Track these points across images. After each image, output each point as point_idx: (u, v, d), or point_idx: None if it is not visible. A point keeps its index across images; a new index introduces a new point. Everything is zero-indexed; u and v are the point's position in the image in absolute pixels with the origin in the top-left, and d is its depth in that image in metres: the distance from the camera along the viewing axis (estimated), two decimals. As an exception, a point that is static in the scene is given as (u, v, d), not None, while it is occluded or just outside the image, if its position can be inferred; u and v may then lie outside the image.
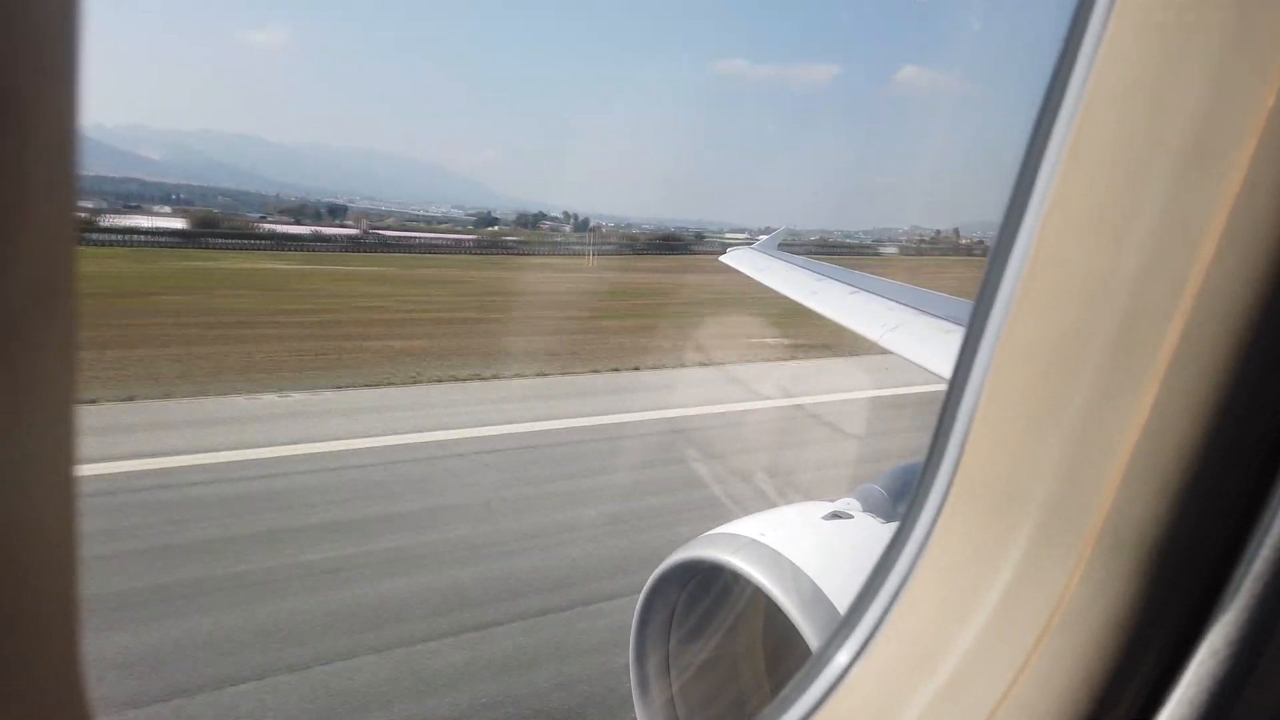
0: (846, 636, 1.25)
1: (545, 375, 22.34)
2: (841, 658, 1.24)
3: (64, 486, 0.61)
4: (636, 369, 23.60)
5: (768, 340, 28.24)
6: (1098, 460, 1.01)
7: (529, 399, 19.45)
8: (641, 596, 3.37)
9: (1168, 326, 0.96)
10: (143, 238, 77.54)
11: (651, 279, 54.74)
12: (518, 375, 21.98)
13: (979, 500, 1.14)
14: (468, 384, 20.72)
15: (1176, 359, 0.96)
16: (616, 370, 23.50)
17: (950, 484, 1.18)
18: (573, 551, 10.80)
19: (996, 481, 1.12)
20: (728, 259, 11.45)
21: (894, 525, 3.27)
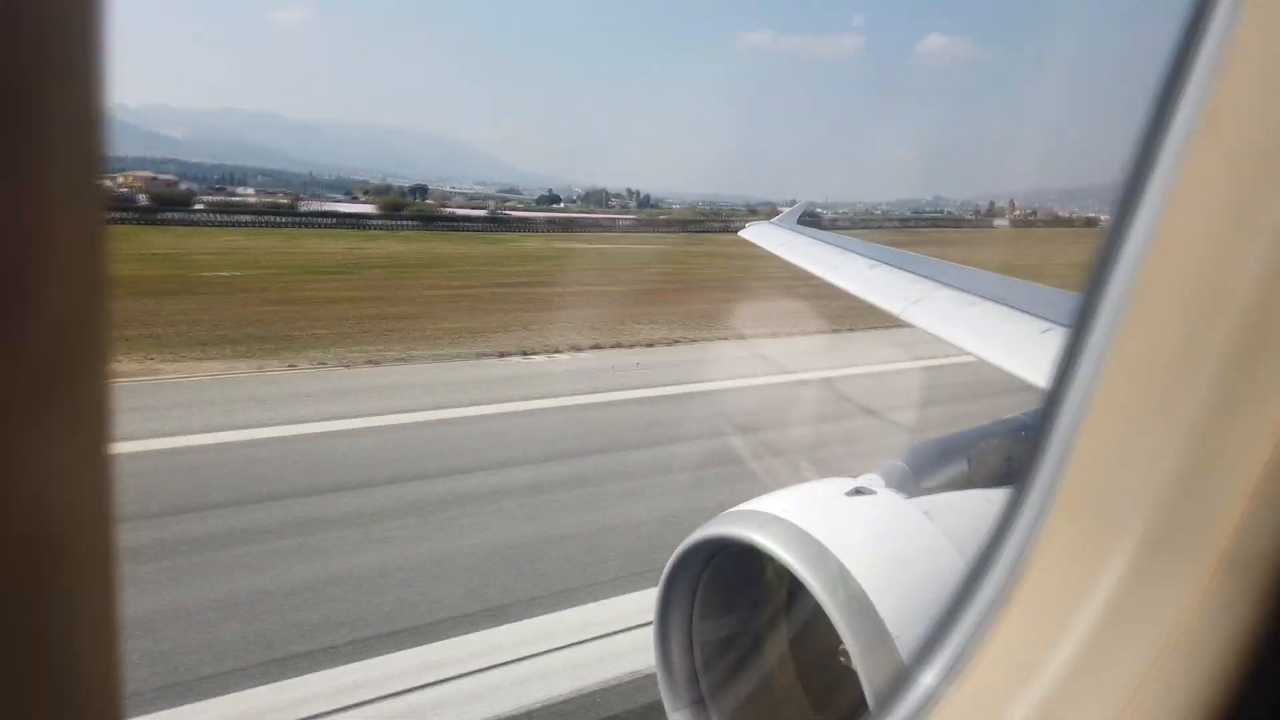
0: (934, 657, 1.18)
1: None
2: (928, 679, 1.17)
3: (100, 489, 0.60)
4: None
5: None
6: (1223, 474, 0.93)
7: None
8: (664, 573, 3.37)
9: None
10: (330, 221, 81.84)
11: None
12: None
13: (1085, 514, 1.07)
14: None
15: None
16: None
17: (1051, 496, 1.10)
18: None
19: (1106, 494, 1.04)
20: (746, 234, 11.37)
21: (917, 501, 3.26)
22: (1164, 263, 1.00)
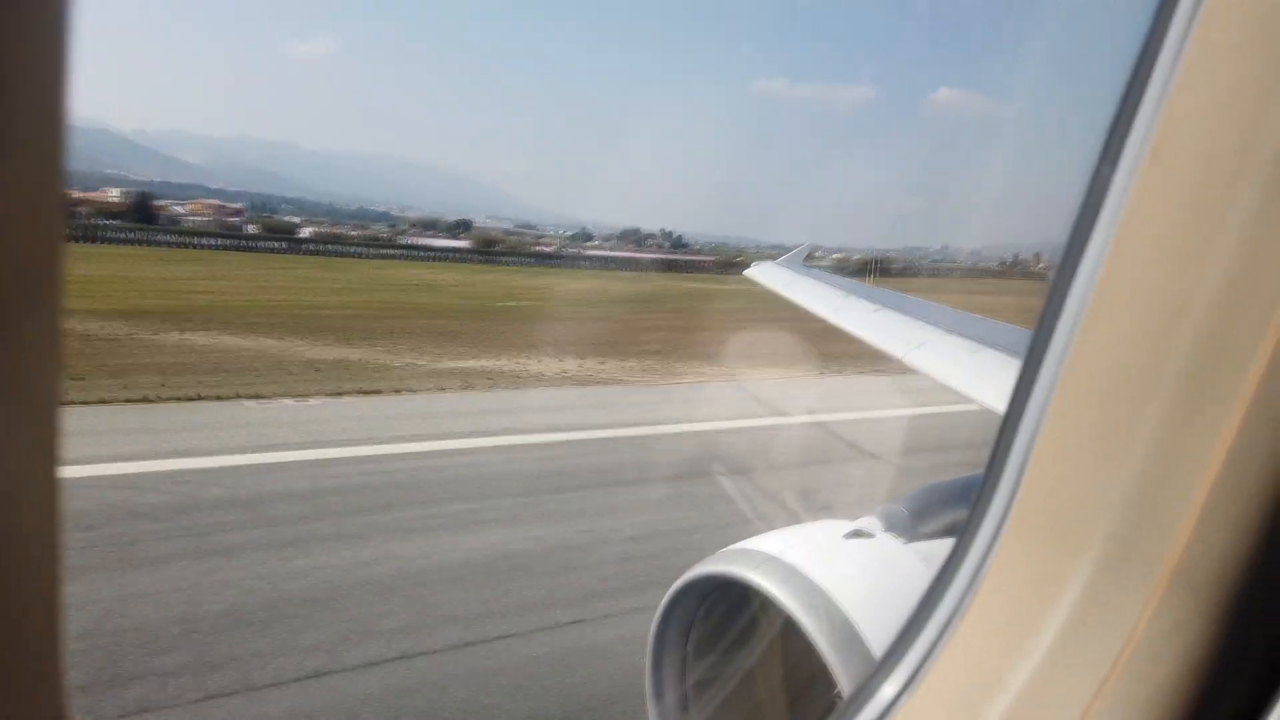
0: (893, 668, 1.19)
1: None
2: (887, 690, 1.18)
3: (48, 487, 0.61)
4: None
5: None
6: (1174, 493, 0.94)
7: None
8: (659, 610, 3.36)
9: (1255, 350, 0.88)
10: (431, 254, 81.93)
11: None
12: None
13: (1039, 531, 1.08)
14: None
15: (1265, 386, 0.88)
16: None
17: (1006, 514, 1.11)
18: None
19: (1059, 512, 1.05)
20: (752, 273, 11.43)
21: (915, 546, 3.25)
22: (1116, 286, 1.02)
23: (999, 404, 4.24)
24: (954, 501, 3.86)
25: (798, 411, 21.48)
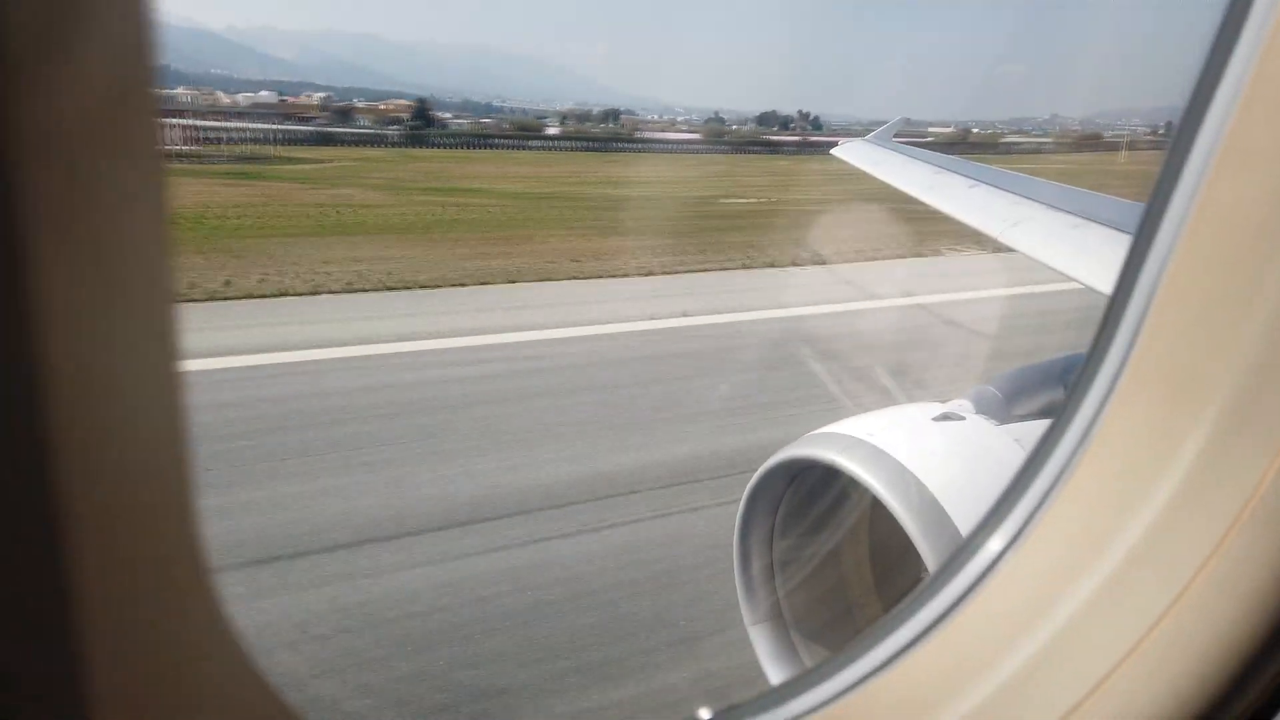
0: (999, 522, 1.18)
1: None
2: (994, 544, 1.17)
3: (167, 381, 0.63)
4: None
5: None
6: None
7: None
8: (745, 494, 3.42)
9: None
10: (669, 147, 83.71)
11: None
12: None
13: (1157, 386, 1.04)
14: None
15: None
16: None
17: (1122, 368, 1.07)
18: None
19: (1179, 366, 1.02)
20: (839, 152, 11.02)
21: (1008, 427, 3.20)
22: (1249, 124, 0.96)
23: (1100, 283, 4.06)
24: (1049, 383, 3.76)
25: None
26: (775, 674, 3.35)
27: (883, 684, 1.10)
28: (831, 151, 11.75)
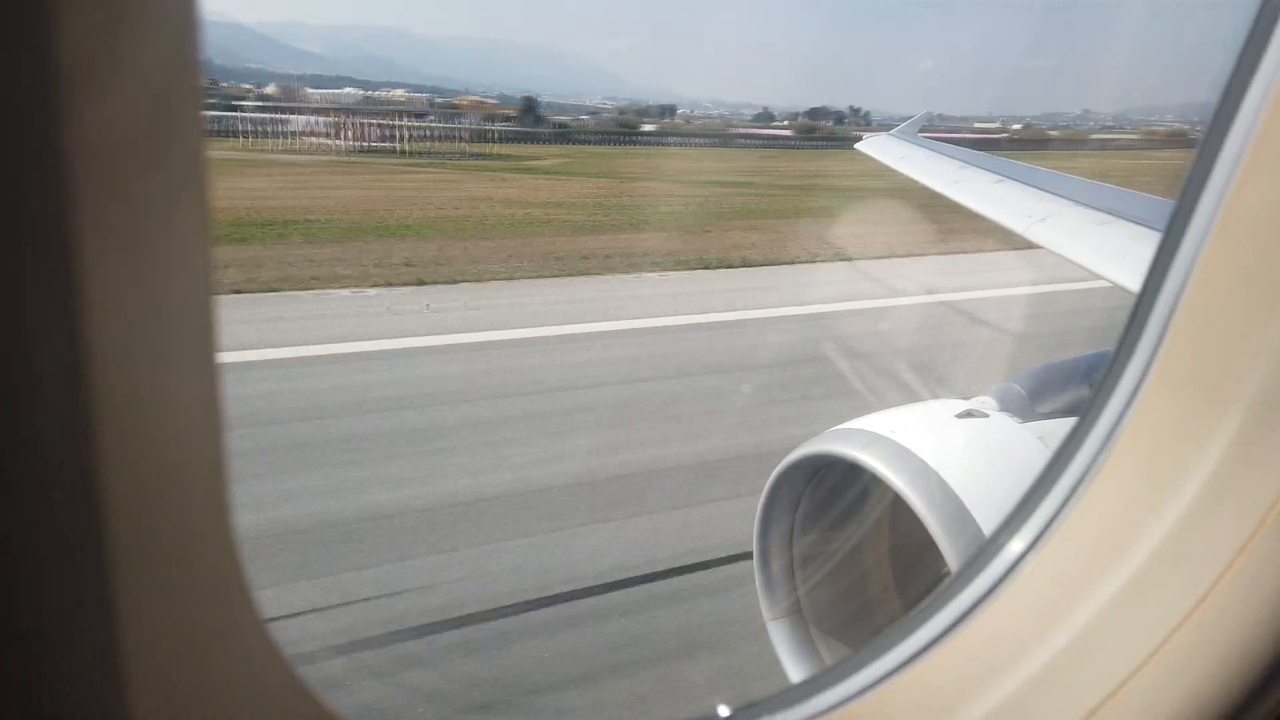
0: (1021, 524, 1.17)
1: None
2: (1015, 545, 1.16)
3: (206, 371, 0.64)
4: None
5: None
6: None
7: None
8: (766, 488, 3.43)
9: None
10: (760, 143, 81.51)
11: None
12: None
13: (1183, 385, 1.03)
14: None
15: None
16: None
17: (1148, 367, 1.06)
18: None
19: (1206, 366, 1.00)
20: (864, 147, 10.96)
21: (1032, 425, 3.18)
22: (1276, 130, 0.94)
23: (1129, 281, 4.02)
24: (1074, 381, 3.73)
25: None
26: (794, 670, 3.36)
27: (904, 682, 1.10)
28: (856, 146, 11.68)
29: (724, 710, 1.16)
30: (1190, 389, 1.03)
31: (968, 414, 3.30)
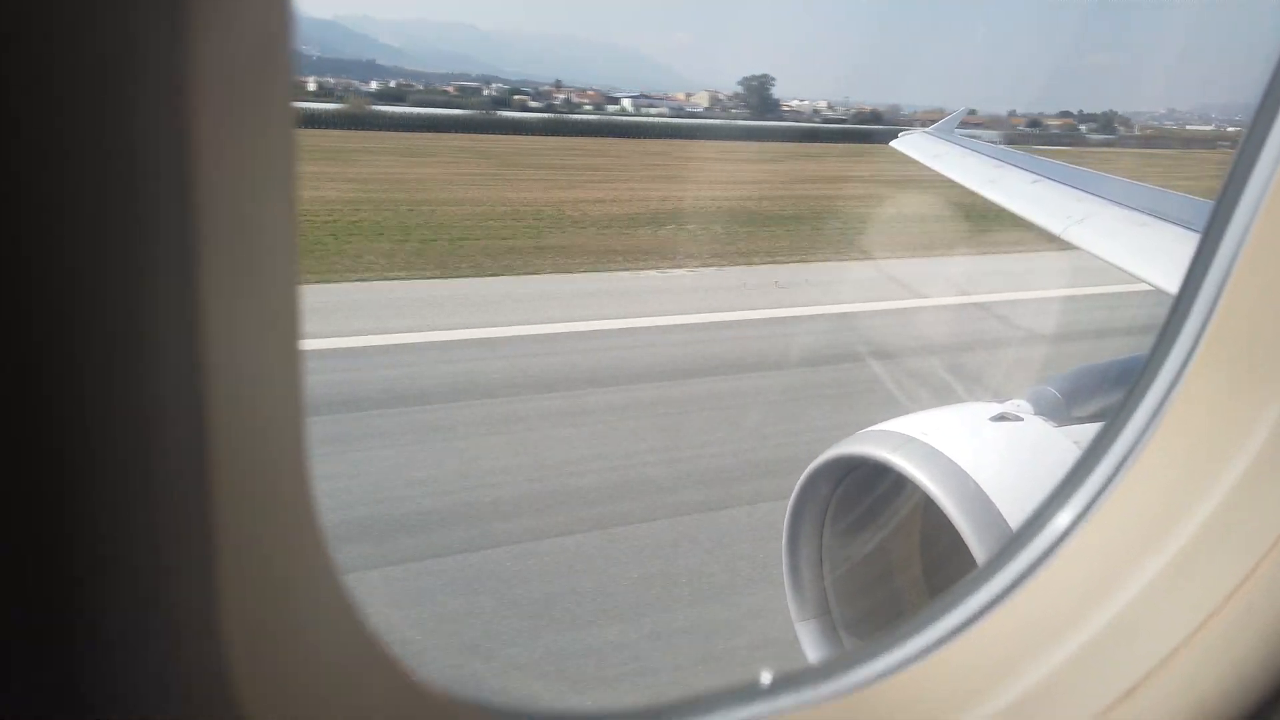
0: (1067, 498, 1.17)
1: None
2: (1062, 519, 1.15)
3: (290, 363, 0.65)
4: None
5: None
6: None
7: None
8: (796, 489, 3.41)
9: None
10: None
11: None
12: None
13: (1234, 361, 1.03)
14: None
15: None
16: None
17: (1197, 343, 1.06)
18: None
19: (1257, 340, 1.00)
20: (899, 144, 10.85)
21: (1067, 429, 3.13)
22: None
23: (1168, 284, 3.95)
24: (1109, 384, 3.67)
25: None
26: None
27: (943, 657, 1.10)
28: (891, 144, 11.56)
29: (765, 677, 1.16)
30: (1229, 383, 1.03)
31: (1002, 417, 3.26)
